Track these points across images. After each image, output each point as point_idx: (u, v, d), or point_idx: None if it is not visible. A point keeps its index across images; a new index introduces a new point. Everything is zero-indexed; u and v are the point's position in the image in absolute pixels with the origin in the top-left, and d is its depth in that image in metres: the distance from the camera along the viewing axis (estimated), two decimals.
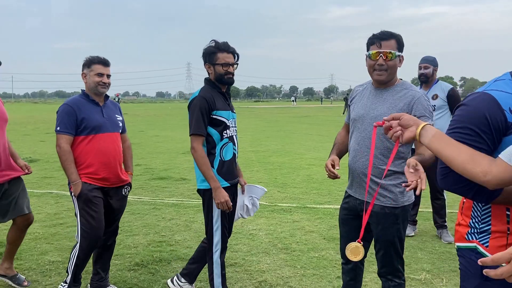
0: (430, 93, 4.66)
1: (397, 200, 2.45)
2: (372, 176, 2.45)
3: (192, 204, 6.06)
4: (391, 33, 2.42)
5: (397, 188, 2.44)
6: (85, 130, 3.06)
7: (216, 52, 2.92)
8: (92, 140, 3.08)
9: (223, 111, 2.95)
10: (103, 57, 3.20)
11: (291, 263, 3.94)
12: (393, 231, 2.48)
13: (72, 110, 3.05)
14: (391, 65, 2.40)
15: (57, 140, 3.06)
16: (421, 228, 5.01)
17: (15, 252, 3.63)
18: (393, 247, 2.51)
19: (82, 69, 3.20)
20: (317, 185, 7.42)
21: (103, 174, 3.11)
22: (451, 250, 4.29)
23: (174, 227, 5.01)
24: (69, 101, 3.15)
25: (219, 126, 2.93)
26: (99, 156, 3.09)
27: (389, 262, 2.53)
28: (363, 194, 2.51)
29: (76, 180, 3.03)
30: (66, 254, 4.12)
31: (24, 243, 4.40)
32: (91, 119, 3.08)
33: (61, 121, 3.05)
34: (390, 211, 2.46)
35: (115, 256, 4.08)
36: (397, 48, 2.41)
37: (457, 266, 3.82)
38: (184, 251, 4.26)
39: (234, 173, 3.07)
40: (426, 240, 4.61)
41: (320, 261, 4.00)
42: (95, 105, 3.17)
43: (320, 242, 4.52)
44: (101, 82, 3.13)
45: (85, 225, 3.06)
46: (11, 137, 14.99)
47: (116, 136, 3.25)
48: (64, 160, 3.03)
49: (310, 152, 11.38)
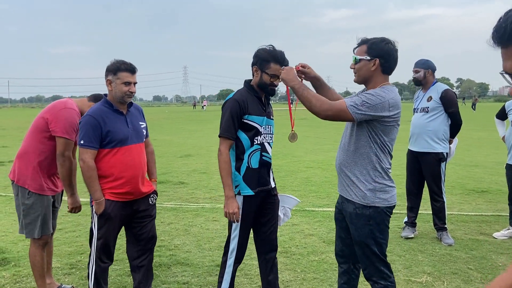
0: (426, 96, 4.69)
1: (365, 198, 2.51)
2: (344, 170, 2.60)
3: (191, 208, 6.04)
4: (365, 39, 2.56)
5: (366, 186, 2.52)
6: (111, 143, 2.91)
7: (270, 61, 2.80)
8: (118, 153, 2.93)
9: (256, 116, 2.86)
10: (130, 63, 2.99)
11: (291, 267, 3.93)
12: (365, 231, 2.54)
13: (96, 123, 2.87)
14: (357, 68, 2.56)
15: (80, 154, 2.89)
16: (421, 230, 5.00)
17: (48, 267, 3.48)
18: (369, 249, 2.55)
19: (106, 75, 2.97)
20: (316, 187, 7.41)
21: (128, 188, 2.97)
22: (451, 252, 4.28)
23: (173, 232, 4.99)
24: (93, 112, 2.93)
25: (250, 131, 2.85)
26: (125, 169, 2.95)
27: (370, 264, 2.58)
28: (343, 190, 2.65)
29: (99, 198, 2.90)
30: (65, 260, 4.10)
31: (22, 249, 4.39)
32: (116, 132, 2.92)
33: (85, 134, 2.86)
34: (361, 211, 2.53)
35: (114, 262, 4.05)
36: (367, 53, 2.51)
37: (458, 269, 3.84)
38: (183, 255, 4.23)
39: (263, 182, 2.94)
40: (426, 242, 4.60)
41: (320, 265, 3.98)
42: (120, 115, 3.00)
43: (320, 245, 4.50)
44: (128, 92, 2.94)
45: (101, 241, 2.97)
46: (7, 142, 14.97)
47: (141, 147, 3.11)
48: (88, 176, 2.87)
49: (308, 155, 11.38)
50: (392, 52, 2.51)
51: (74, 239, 4.73)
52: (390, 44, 2.51)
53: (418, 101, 4.80)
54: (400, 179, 7.75)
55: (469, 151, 12.05)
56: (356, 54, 2.56)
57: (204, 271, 3.86)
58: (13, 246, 4.49)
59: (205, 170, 9.27)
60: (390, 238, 4.65)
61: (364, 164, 2.52)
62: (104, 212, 2.91)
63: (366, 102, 2.38)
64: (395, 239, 4.69)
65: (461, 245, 4.46)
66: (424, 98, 4.69)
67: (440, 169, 4.66)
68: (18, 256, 4.21)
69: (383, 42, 2.50)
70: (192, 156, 11.65)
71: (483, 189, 7.12)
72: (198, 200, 6.60)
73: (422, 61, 4.73)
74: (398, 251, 4.31)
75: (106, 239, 2.98)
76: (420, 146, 4.69)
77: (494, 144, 13.77)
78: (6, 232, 5.01)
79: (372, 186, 2.50)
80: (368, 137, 2.48)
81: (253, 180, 2.88)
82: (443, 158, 4.65)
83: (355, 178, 2.55)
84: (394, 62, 2.54)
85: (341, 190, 2.67)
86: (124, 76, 2.93)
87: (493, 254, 4.20)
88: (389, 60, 2.51)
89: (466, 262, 4.02)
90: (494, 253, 4.24)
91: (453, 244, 4.48)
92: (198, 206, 6.19)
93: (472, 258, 4.12)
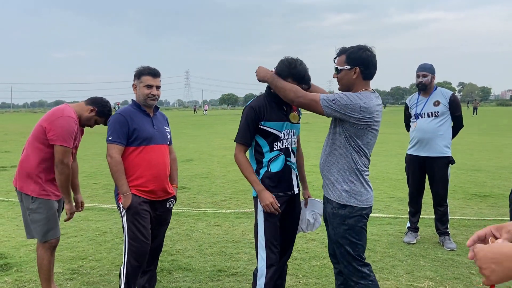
0: (431, 100, 4.65)
1: (341, 198, 2.62)
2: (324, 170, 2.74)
3: (192, 213, 6.04)
4: (343, 49, 2.68)
5: (343, 186, 2.63)
6: (137, 141, 3.02)
7: (288, 76, 2.76)
8: (143, 151, 3.04)
9: (273, 122, 2.84)
10: (153, 68, 3.13)
11: (293, 272, 3.92)
12: (340, 231, 2.64)
13: (124, 120, 3.01)
14: (339, 78, 2.69)
15: (108, 150, 3.00)
16: (423, 235, 4.99)
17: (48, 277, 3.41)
18: (344, 249, 2.64)
19: (133, 80, 3.15)
20: (317, 192, 7.40)
21: (152, 186, 3.05)
22: (453, 257, 4.27)
23: (175, 237, 4.99)
24: (122, 110, 3.10)
25: (268, 137, 2.85)
26: (149, 168, 3.04)
27: (347, 263, 2.65)
28: (325, 190, 2.78)
29: (126, 191, 2.96)
30: (67, 265, 4.10)
31: (24, 254, 4.40)
32: (142, 130, 3.03)
33: (113, 130, 2.99)
34: (337, 211, 2.64)
35: (116, 267, 4.06)
36: (347, 62, 2.62)
37: (460, 274, 3.82)
38: (185, 260, 4.23)
39: (285, 186, 2.91)
40: (428, 247, 4.59)
41: (322, 270, 3.98)
42: (146, 116, 3.13)
43: (322, 250, 4.49)
44: (150, 94, 3.07)
45: (133, 238, 2.99)
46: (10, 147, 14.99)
47: (165, 148, 3.20)
48: (116, 170, 2.96)
49: (309, 159, 11.34)
50: (370, 59, 2.62)
51: (76, 244, 4.74)
52: (367, 51, 2.62)
53: (421, 105, 4.70)
54: (401, 184, 7.76)
55: (472, 156, 12.03)
56: (336, 65, 2.69)
57: (206, 276, 3.86)
58: (15, 251, 4.49)
59: (207, 175, 9.27)
60: (392, 242, 4.67)
61: (341, 164, 2.65)
62: (131, 206, 2.97)
63: (337, 100, 2.53)
64: (397, 244, 4.68)
65: (463, 250, 4.44)
66: (429, 102, 4.64)
67: (448, 173, 4.69)
68: (20, 261, 4.21)
69: (361, 50, 2.61)
70: (194, 160, 11.66)
71: (485, 194, 7.11)
72: (200, 205, 6.60)
73: (429, 65, 4.68)
74: (400, 256, 4.30)
75: (137, 235, 2.99)
76: (431, 151, 4.62)
77: (497, 148, 13.75)
78: (9, 237, 5.02)
79: (348, 186, 2.63)
80: (344, 138, 2.61)
81: (272, 184, 2.87)
82: (452, 161, 4.69)
83: (333, 178, 2.67)
84: (373, 68, 2.65)
85: (324, 191, 2.79)
86: (146, 79, 3.07)
87: None
88: (369, 66, 2.63)
89: (469, 267, 4.01)
90: None
91: (456, 249, 4.47)
92: (200, 211, 6.20)
93: (474, 263, 4.10)
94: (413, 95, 4.90)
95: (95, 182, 8.54)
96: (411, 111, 4.82)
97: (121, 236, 4.99)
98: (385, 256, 4.31)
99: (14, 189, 3.38)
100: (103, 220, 5.74)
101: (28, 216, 3.22)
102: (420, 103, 4.74)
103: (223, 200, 6.91)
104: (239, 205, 6.54)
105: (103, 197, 7.10)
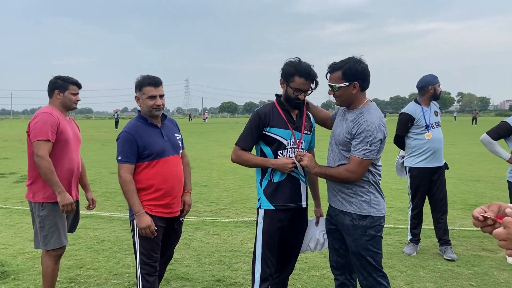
0: (432, 110, 4.77)
1: (362, 209, 2.64)
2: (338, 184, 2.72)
3: (191, 221, 6.01)
4: (337, 66, 2.64)
5: (363, 197, 2.65)
6: (149, 157, 2.95)
7: (294, 74, 2.75)
8: (156, 165, 2.97)
9: (280, 129, 2.81)
10: (153, 76, 3.02)
11: (292, 282, 3.89)
12: (362, 242, 2.64)
13: (132, 138, 2.93)
14: (337, 95, 2.67)
15: (119, 170, 2.95)
16: (422, 245, 4.97)
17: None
18: (366, 260, 2.65)
19: (135, 91, 3.06)
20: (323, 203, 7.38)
21: (167, 200, 3.00)
22: (453, 268, 4.25)
23: None
24: (129, 127, 2.99)
25: (273, 145, 2.82)
26: (163, 182, 2.98)
27: (368, 275, 2.65)
28: (337, 202, 2.76)
29: (139, 211, 2.90)
30: (64, 274, 4.08)
31: (22, 262, 4.37)
32: (152, 145, 2.96)
33: (122, 150, 2.93)
34: (358, 222, 2.65)
35: (113, 276, 4.04)
36: (344, 79, 2.61)
37: (460, 285, 3.80)
38: (183, 270, 4.21)
39: (289, 198, 2.84)
40: (427, 258, 4.57)
41: (321, 280, 3.95)
42: (154, 128, 3.03)
43: (321, 260, 4.47)
44: (154, 105, 2.97)
45: (145, 255, 2.96)
46: (9, 154, 14.98)
47: (177, 159, 3.13)
48: (126, 190, 2.92)
49: None
50: (366, 70, 2.65)
51: (74, 253, 4.71)
52: (362, 64, 2.64)
53: (427, 116, 4.68)
54: (400, 193, 7.75)
55: (471, 166, 12.03)
56: (332, 82, 2.66)
57: (204, 286, 3.83)
58: (13, 259, 4.47)
59: (206, 183, 9.25)
60: (392, 253, 4.65)
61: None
62: (144, 225, 2.90)
63: (372, 143, 2.55)
64: (397, 254, 4.66)
65: (463, 261, 4.43)
66: (431, 113, 4.72)
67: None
68: (18, 269, 4.19)
69: (356, 64, 2.62)
70: (193, 168, 11.63)
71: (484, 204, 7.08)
72: (198, 213, 6.58)
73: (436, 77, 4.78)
74: (399, 267, 4.28)
75: (150, 252, 2.97)
76: (440, 161, 4.73)
77: (496, 158, 13.74)
78: (6, 244, 4.99)
79: (368, 197, 2.65)
80: None
81: (275, 195, 2.82)
82: (447, 166, 4.86)
83: (349, 191, 2.68)
84: (369, 77, 2.68)
85: (335, 203, 2.77)
86: (148, 90, 2.96)
87: (495, 271, 4.17)
88: (366, 78, 2.66)
89: (468, 279, 3.99)
90: (496, 269, 4.20)
91: (456, 260, 4.45)
92: (199, 219, 6.17)
93: (474, 274, 4.09)
94: (415, 107, 4.74)
95: (93, 190, 8.46)
96: (419, 122, 4.66)
97: (119, 245, 4.97)
98: (385, 266, 4.24)
99: (12, 196, 3.38)
100: (101, 228, 5.71)
101: (38, 224, 3.22)
102: (426, 113, 4.71)
103: (222, 208, 6.89)
104: (238, 214, 6.52)
105: (102, 205, 7.07)
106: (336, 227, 2.81)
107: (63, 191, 3.16)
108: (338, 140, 2.70)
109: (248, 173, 10.53)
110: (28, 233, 5.42)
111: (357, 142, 2.58)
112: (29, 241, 5.09)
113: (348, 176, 2.60)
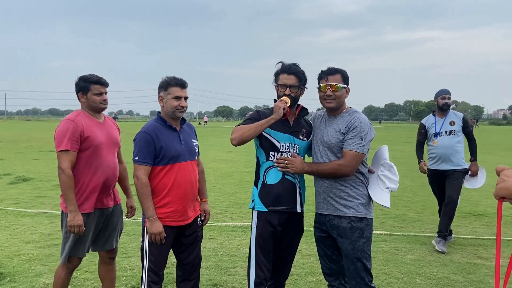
0: (447, 120, 5.34)
1: (360, 211, 2.73)
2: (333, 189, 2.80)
3: None
4: (336, 69, 2.84)
5: (359, 200, 2.75)
6: (164, 160, 2.89)
7: (279, 73, 2.89)
8: (170, 170, 2.91)
9: (276, 131, 2.85)
10: (180, 78, 2.98)
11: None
12: (359, 245, 2.71)
13: (150, 139, 2.86)
14: (338, 95, 2.79)
15: (135, 170, 2.87)
16: (419, 252, 5.00)
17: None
18: (361, 263, 2.71)
19: (158, 92, 2.99)
20: (313, 207, 7.40)
21: (178, 206, 2.95)
22: (449, 276, 4.28)
23: None
24: (147, 128, 2.93)
25: (266, 146, 2.87)
26: (177, 187, 2.92)
27: (361, 281, 2.71)
28: (330, 208, 2.81)
29: (152, 216, 2.85)
30: None
31: (18, 264, 4.35)
32: (169, 148, 2.90)
33: (139, 150, 2.86)
34: (356, 224, 2.72)
35: None
36: (343, 81, 2.81)
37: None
38: None
39: (282, 201, 2.86)
40: (423, 265, 4.59)
41: (318, 286, 3.97)
42: (173, 131, 2.98)
43: (318, 266, 4.46)
44: (179, 106, 2.93)
45: (153, 263, 2.93)
46: (3, 155, 14.87)
47: (193, 165, 3.08)
48: (142, 193, 2.85)
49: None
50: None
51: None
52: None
53: (439, 125, 5.35)
54: (396, 200, 7.79)
55: None
56: (334, 82, 2.80)
57: None
58: (9, 261, 4.44)
59: None
60: (388, 260, 4.67)
61: (353, 181, 2.77)
62: (155, 232, 2.86)
63: (363, 134, 2.71)
64: (393, 261, 4.68)
65: (458, 269, 4.46)
66: (446, 122, 5.33)
67: (462, 181, 5.38)
68: (14, 271, 4.16)
69: (345, 71, 2.84)
70: None
71: (479, 213, 7.15)
72: None
73: (448, 89, 5.41)
74: (395, 274, 4.30)
75: (157, 259, 2.94)
76: (451, 164, 5.27)
77: (491, 167, 13.82)
78: (2, 246, 4.97)
79: (363, 199, 2.76)
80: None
81: (268, 197, 2.84)
82: (467, 171, 5.42)
83: (345, 194, 2.76)
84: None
85: (327, 209, 2.83)
86: (174, 90, 2.93)
87: (490, 278, 4.20)
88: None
89: (464, 286, 4.01)
90: (491, 277, 4.24)
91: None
92: None
93: (469, 282, 4.12)
94: (428, 117, 5.58)
95: None
96: (429, 130, 5.44)
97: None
98: (381, 273, 4.31)
99: (7, 197, 3.38)
100: None
101: (65, 236, 3.11)
102: (437, 122, 5.42)
103: (218, 213, 6.89)
104: (234, 219, 6.52)
105: None
106: (327, 234, 2.87)
107: (75, 211, 2.98)
108: (331, 143, 2.78)
109: (244, 177, 10.54)
110: (23, 234, 5.40)
111: (351, 136, 2.72)
112: (25, 243, 5.07)
113: (343, 170, 2.69)
